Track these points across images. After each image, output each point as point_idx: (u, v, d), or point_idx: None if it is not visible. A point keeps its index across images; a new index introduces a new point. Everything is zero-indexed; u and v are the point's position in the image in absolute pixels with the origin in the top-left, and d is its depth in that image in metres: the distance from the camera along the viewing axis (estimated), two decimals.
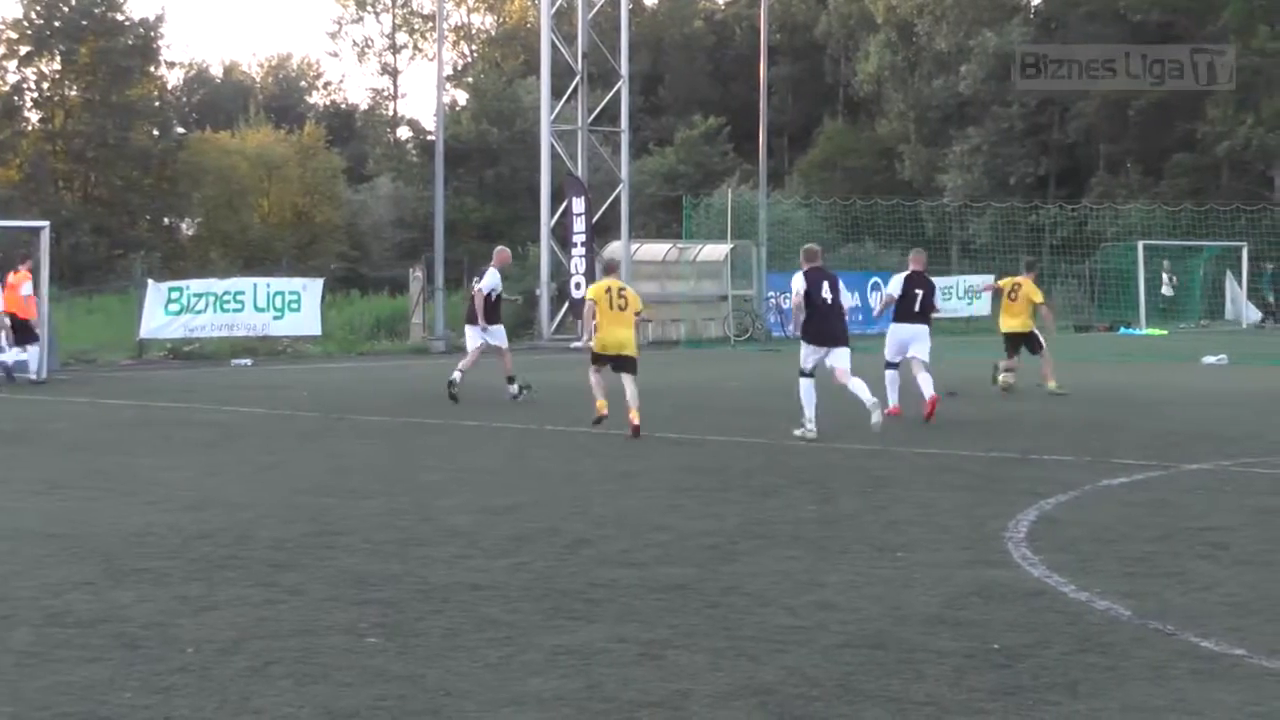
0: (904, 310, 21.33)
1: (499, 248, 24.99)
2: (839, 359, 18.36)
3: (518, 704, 7.01)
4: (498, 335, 23.79)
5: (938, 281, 24.67)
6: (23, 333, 28.81)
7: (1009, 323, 25.13)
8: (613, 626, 8.45)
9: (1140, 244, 53.18)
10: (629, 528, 11.71)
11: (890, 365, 21.30)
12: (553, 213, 44.32)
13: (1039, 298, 25.23)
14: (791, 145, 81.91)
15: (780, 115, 74.51)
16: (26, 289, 28.88)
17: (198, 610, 8.90)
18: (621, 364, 19.22)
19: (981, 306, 51.45)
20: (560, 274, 44.08)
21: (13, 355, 29.01)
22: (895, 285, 21.68)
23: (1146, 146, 68.74)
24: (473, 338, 23.77)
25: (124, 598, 9.25)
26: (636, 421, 18.39)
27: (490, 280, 23.57)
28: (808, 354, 18.40)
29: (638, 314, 19.68)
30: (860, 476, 14.79)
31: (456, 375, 23.21)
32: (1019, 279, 25.35)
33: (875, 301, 30.37)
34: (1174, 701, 7.07)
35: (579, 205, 43.22)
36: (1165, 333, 48.38)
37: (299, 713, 6.89)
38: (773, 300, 45.76)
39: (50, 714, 6.90)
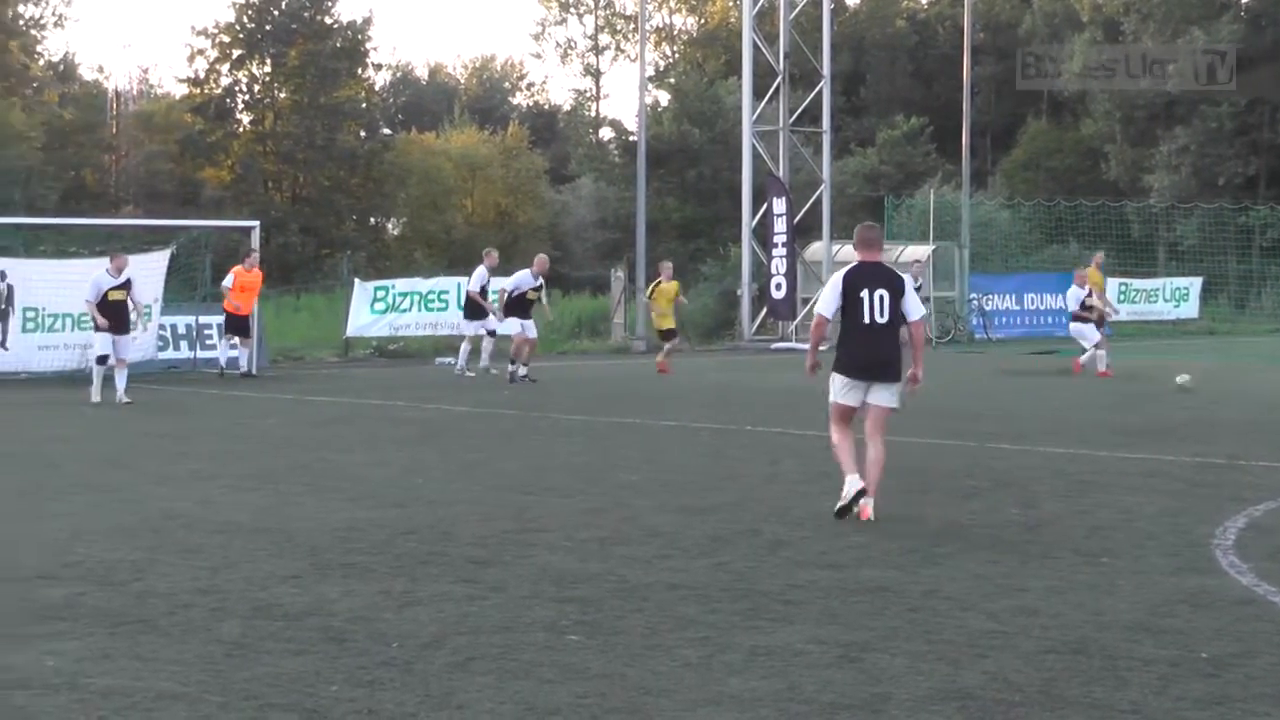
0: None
1: (488, 249, 30.63)
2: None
3: (716, 704, 7.02)
4: (486, 326, 29.61)
5: (1143, 284, 25.94)
6: (234, 327, 29.52)
7: None
8: (812, 628, 8.44)
9: None
10: (828, 529, 11.67)
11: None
12: (754, 213, 44.30)
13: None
14: (994, 145, 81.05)
15: (983, 115, 73.76)
16: (227, 281, 29.56)
17: (401, 605, 9.04)
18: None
19: (1189, 309, 50.51)
20: (761, 274, 44.05)
21: (224, 351, 29.75)
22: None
23: None
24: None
25: (330, 592, 9.42)
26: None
27: (479, 277, 29.33)
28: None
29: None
30: (1062, 480, 14.60)
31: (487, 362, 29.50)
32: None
33: (1070, 302, 30.28)
34: None
35: (780, 206, 43.18)
36: None
37: (501, 708, 6.97)
38: (975, 301, 45.31)
39: (258, 704, 7.04)
